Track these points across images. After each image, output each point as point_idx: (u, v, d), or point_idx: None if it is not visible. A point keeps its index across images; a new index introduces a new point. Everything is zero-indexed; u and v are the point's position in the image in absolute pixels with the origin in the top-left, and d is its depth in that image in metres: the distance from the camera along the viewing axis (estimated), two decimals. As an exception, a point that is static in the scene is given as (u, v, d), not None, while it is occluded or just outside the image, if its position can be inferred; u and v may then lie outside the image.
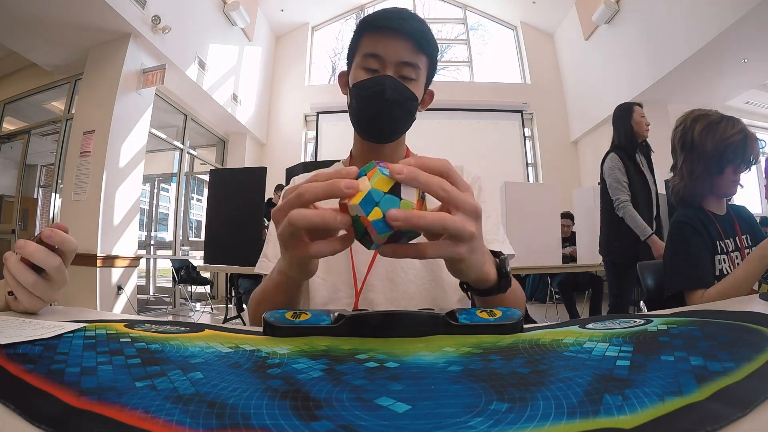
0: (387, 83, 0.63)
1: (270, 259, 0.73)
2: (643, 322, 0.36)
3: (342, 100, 0.72)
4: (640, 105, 2.28)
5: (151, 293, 5.36)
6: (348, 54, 0.71)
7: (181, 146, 5.14)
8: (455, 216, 0.34)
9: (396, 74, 0.64)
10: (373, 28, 0.65)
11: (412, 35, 0.63)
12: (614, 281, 2.27)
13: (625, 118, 2.23)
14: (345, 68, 0.74)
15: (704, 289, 1.00)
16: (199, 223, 5.97)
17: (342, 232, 0.36)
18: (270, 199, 4.23)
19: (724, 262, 1.05)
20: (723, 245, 1.06)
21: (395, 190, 0.33)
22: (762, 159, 1.10)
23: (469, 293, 0.48)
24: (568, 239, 4.02)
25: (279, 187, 4.38)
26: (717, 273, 1.04)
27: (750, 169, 1.08)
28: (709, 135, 1.07)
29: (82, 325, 0.39)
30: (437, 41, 0.68)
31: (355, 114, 0.68)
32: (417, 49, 0.64)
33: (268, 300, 0.52)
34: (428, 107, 0.74)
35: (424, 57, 0.66)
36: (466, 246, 0.35)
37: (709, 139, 1.07)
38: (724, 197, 1.13)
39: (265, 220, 3.55)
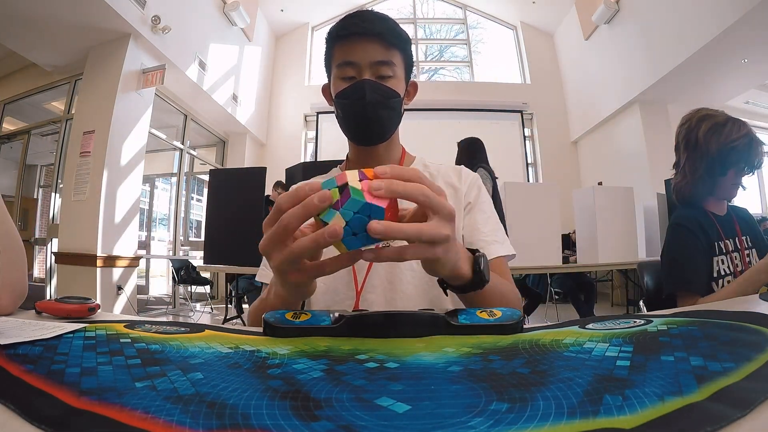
0: (366, 87, 0.64)
1: (269, 268, 0.73)
2: (643, 322, 0.36)
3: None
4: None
5: (151, 293, 5.36)
6: (325, 67, 0.73)
7: (181, 146, 5.14)
8: (431, 221, 0.36)
9: (373, 75, 0.65)
10: (341, 37, 0.66)
11: (379, 34, 0.64)
12: None
13: None
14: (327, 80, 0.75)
15: (693, 293, 1.01)
16: (199, 223, 5.97)
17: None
18: (268, 196, 4.21)
19: (723, 263, 1.05)
20: (722, 246, 1.06)
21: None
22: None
23: (447, 291, 0.48)
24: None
25: (278, 184, 4.36)
26: (715, 274, 1.04)
27: (753, 174, 1.07)
28: (714, 136, 1.06)
29: (82, 325, 0.39)
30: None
31: (343, 123, 0.70)
32: (388, 46, 0.65)
33: None
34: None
35: (397, 52, 0.67)
36: (441, 247, 0.37)
37: (714, 141, 1.06)
38: (724, 200, 1.13)
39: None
